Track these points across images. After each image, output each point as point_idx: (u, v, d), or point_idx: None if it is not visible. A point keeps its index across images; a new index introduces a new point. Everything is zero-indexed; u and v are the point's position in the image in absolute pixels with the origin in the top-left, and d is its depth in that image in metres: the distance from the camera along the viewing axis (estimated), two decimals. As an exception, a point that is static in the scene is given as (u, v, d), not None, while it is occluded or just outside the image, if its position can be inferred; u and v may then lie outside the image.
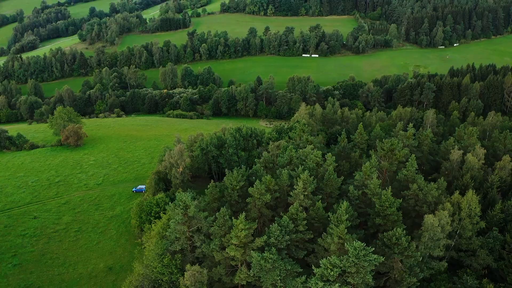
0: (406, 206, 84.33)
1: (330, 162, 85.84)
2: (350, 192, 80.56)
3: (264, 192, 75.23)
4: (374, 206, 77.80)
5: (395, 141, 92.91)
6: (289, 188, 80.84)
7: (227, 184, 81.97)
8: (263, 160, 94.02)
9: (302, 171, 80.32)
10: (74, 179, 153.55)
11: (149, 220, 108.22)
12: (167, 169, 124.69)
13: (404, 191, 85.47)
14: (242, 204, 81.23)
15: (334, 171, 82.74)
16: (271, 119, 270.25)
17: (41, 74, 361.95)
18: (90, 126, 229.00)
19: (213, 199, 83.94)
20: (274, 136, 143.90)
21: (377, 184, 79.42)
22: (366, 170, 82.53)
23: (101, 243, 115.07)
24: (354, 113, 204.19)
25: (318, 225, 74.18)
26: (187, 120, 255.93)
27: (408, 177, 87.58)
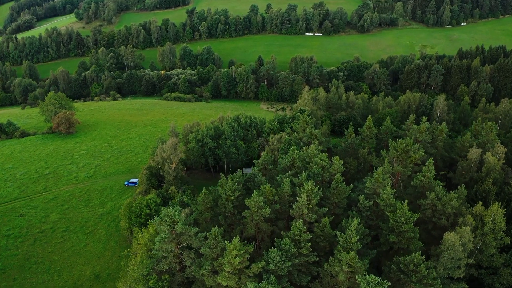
0: (422, 217, 74.23)
1: (337, 166, 75.35)
2: (360, 203, 70.47)
3: (262, 204, 65.08)
4: (387, 220, 67.77)
5: (409, 141, 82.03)
6: (291, 197, 70.73)
7: (220, 194, 71.83)
8: (262, 162, 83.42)
9: (305, 179, 69.98)
10: (64, 171, 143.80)
11: (139, 222, 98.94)
12: (160, 164, 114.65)
13: (420, 200, 75.21)
14: (238, 216, 71.41)
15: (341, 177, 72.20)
16: (272, 102, 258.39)
17: (37, 55, 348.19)
18: (84, 111, 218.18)
19: (206, 209, 73.97)
20: (275, 127, 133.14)
21: (390, 194, 69.17)
22: (378, 177, 72.15)
23: (89, 246, 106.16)
24: (360, 98, 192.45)
25: (324, 244, 64.45)
26: (185, 104, 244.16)
27: (424, 183, 77.17)
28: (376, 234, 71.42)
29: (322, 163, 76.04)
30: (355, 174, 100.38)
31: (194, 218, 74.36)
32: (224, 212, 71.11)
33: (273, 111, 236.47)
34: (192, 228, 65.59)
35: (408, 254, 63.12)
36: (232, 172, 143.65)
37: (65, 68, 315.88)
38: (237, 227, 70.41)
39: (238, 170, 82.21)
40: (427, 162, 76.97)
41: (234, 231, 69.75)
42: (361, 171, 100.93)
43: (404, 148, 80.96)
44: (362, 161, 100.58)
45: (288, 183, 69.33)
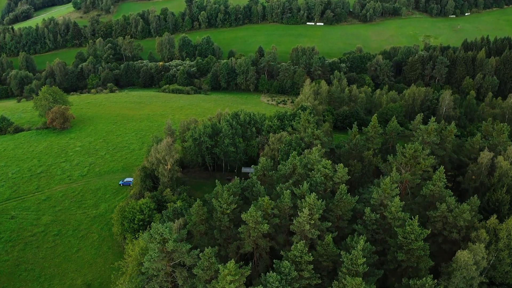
0: (432, 229, 68.78)
1: (341, 175, 69.66)
2: (366, 216, 64.95)
3: (260, 219, 59.63)
4: (395, 235, 62.30)
5: (418, 146, 76.15)
6: (292, 210, 65.26)
7: (215, 206, 66.38)
8: (261, 168, 77.73)
9: (307, 190, 64.37)
10: (57, 170, 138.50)
11: (132, 228, 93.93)
12: (154, 166, 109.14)
13: (429, 212, 69.68)
14: (234, 230, 66.01)
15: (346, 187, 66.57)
16: (273, 94, 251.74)
17: (34, 46, 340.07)
18: (80, 104, 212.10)
19: (200, 220, 68.59)
20: (275, 124, 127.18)
21: (399, 207, 63.60)
22: (385, 188, 66.49)
23: (81, 251, 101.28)
24: (363, 91, 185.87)
25: (327, 263, 59.17)
26: (183, 96, 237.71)
27: (434, 193, 71.56)
28: (383, 249, 66.16)
29: (325, 171, 70.41)
30: (360, 177, 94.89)
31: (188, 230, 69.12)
32: (219, 226, 65.83)
33: (274, 104, 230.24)
34: (185, 244, 60.30)
35: (417, 272, 57.84)
36: (231, 171, 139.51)
37: (63, 59, 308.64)
38: (233, 242, 65.22)
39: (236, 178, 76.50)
40: (437, 171, 71.25)
41: (230, 247, 64.63)
42: (365, 174, 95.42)
43: (412, 154, 75.17)
44: (367, 164, 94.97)
45: (289, 195, 63.83)
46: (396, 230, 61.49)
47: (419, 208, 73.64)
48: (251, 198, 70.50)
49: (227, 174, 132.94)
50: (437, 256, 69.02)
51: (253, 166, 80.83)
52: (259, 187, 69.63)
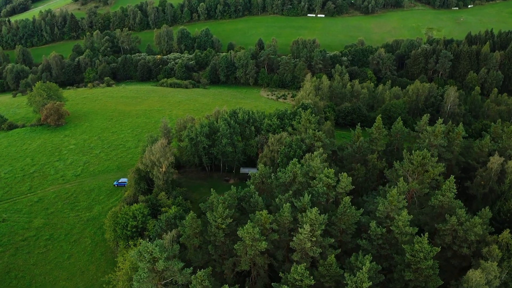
0: (441, 243, 64.24)
1: (345, 184, 64.92)
2: (371, 230, 60.35)
3: (258, 236, 55.06)
4: (402, 251, 57.75)
5: (427, 153, 71.24)
6: (292, 224, 60.65)
7: (209, 220, 61.80)
8: (259, 175, 72.96)
9: (308, 203, 59.70)
10: (50, 169, 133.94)
11: (125, 234, 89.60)
12: (148, 168, 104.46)
13: (439, 224, 65.06)
14: (230, 245, 61.48)
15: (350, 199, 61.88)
16: (273, 88, 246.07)
17: (31, 39, 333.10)
18: (75, 99, 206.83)
19: (194, 233, 64.08)
20: (275, 123, 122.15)
21: (406, 221, 58.97)
22: (392, 200, 61.80)
23: (73, 257, 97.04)
24: (366, 87, 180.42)
25: (329, 284, 54.74)
26: (181, 90, 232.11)
27: (443, 204, 66.89)
28: (389, 266, 61.70)
29: (328, 181, 65.65)
30: (363, 182, 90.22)
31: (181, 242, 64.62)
32: (214, 241, 61.34)
33: (274, 98, 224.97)
34: (177, 263, 55.85)
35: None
36: (229, 171, 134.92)
37: (60, 52, 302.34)
38: (229, 258, 60.82)
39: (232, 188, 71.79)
40: (447, 180, 66.49)
41: (226, 263, 60.27)
42: (369, 179, 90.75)
43: (421, 161, 70.32)
44: (371, 168, 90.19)
45: (289, 208, 59.23)
46: (403, 247, 56.94)
47: (426, 219, 69.06)
48: (248, 210, 65.99)
49: (225, 174, 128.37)
50: (446, 271, 64.70)
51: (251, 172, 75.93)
52: (257, 198, 65.00)
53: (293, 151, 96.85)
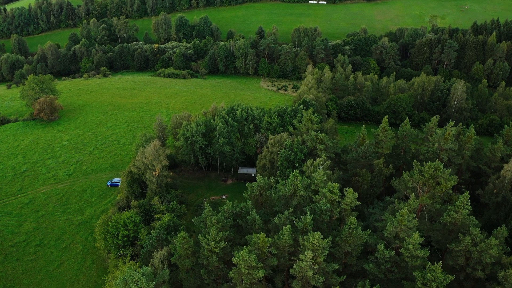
0: (453, 264, 58.65)
1: (350, 200, 59.00)
2: (379, 253, 54.67)
3: (255, 264, 49.44)
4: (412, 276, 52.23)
5: (439, 165, 65.06)
6: (292, 247, 54.96)
7: (202, 243, 56.12)
8: (257, 187, 67.01)
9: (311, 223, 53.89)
10: (42, 168, 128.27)
11: (116, 244, 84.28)
12: (141, 171, 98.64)
13: (451, 244, 59.36)
14: (225, 269, 55.92)
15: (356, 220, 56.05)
16: (273, 79, 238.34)
17: (26, 28, 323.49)
18: (70, 91, 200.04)
19: (186, 254, 58.50)
20: (275, 121, 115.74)
21: (418, 244, 53.25)
22: (402, 219, 55.95)
23: (63, 266, 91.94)
24: (369, 79, 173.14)
25: (333, 317, 49.53)
26: (179, 81, 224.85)
27: (456, 221, 61.08)
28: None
29: (332, 196, 59.74)
30: (368, 189, 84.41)
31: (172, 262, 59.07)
32: (207, 265, 55.84)
33: (274, 90, 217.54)
34: (165, 291, 50.34)
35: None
36: (227, 171, 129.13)
37: (57, 41, 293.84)
38: (223, 283, 55.42)
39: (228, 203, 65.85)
40: (461, 196, 60.53)
41: (220, 289, 54.92)
42: (375, 185, 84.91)
43: (432, 173, 64.24)
44: (377, 174, 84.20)
45: (289, 231, 53.48)
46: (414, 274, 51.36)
47: (437, 236, 63.35)
48: (245, 228, 60.37)
49: (223, 174, 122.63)
50: (459, 294, 59.35)
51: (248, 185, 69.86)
52: (254, 215, 59.22)
53: (294, 154, 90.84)
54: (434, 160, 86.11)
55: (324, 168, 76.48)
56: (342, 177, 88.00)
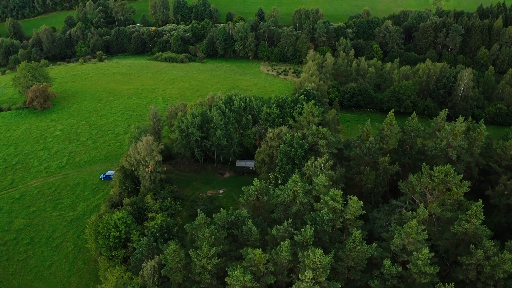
0: (463, 278, 54.00)
1: (354, 209, 53.92)
2: (385, 269, 49.92)
3: (250, 284, 44.73)
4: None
5: (450, 169, 59.62)
6: (291, 263, 50.19)
7: (193, 258, 51.33)
8: (254, 191, 61.85)
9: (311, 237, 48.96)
10: (34, 160, 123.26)
11: (108, 245, 79.90)
12: (133, 167, 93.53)
13: (462, 257, 54.55)
14: (219, 286, 51.26)
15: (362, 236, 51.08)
16: (273, 62, 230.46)
17: (22, 10, 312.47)
18: (65, 77, 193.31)
19: (177, 268, 53.85)
20: (274, 113, 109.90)
21: (427, 260, 48.41)
22: (410, 232, 50.98)
23: (54, 266, 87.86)
24: (372, 65, 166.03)
25: None
26: (176, 65, 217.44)
27: (468, 230, 56.14)
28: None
29: (334, 205, 54.64)
30: (373, 188, 79.37)
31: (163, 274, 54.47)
32: (199, 281, 51.26)
33: (274, 74, 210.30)
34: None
35: None
36: (224, 163, 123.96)
37: (53, 24, 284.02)
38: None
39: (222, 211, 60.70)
40: (474, 205, 55.42)
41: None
42: (379, 184, 79.82)
43: (443, 178, 58.92)
44: (381, 172, 78.98)
45: (287, 246, 48.61)
46: None
47: (446, 245, 58.54)
48: (240, 238, 55.58)
49: (220, 167, 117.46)
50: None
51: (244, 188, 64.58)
52: (250, 226, 54.31)
53: (294, 150, 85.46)
54: (442, 157, 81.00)
55: (326, 168, 71.21)
56: (345, 175, 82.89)
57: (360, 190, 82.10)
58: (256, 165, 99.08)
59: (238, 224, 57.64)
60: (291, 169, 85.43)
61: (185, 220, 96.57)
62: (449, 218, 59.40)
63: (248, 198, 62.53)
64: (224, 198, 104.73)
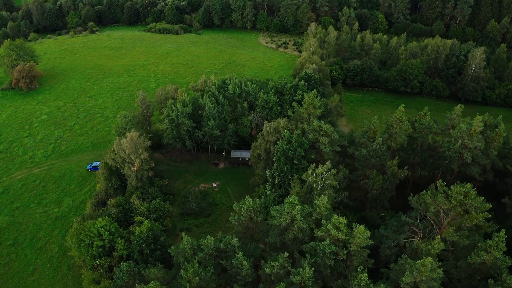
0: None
1: (361, 240, 45.88)
2: (395, 316, 42.50)
3: None
4: None
5: (471, 189, 50.95)
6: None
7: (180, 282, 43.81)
8: (246, 211, 53.52)
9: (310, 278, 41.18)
10: (19, 149, 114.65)
11: (92, 254, 72.87)
12: (118, 164, 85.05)
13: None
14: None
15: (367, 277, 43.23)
16: (273, 34, 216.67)
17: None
18: (54, 52, 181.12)
19: None
20: (272, 100, 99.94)
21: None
22: (424, 269, 43.08)
23: (37, 272, 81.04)
24: (377, 40, 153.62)
25: None
26: (171, 38, 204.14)
27: (487, 261, 48.36)
28: None
29: (338, 235, 46.51)
30: (379, 195, 71.24)
31: None
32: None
33: (274, 47, 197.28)
34: None
35: None
36: (219, 153, 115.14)
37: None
38: None
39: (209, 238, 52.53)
40: (496, 235, 47.24)
41: None
42: (387, 190, 71.62)
43: (461, 200, 50.43)
44: (389, 176, 70.56)
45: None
46: None
47: (461, 274, 50.97)
48: (230, 271, 47.96)
49: (214, 157, 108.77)
50: None
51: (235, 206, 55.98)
52: (241, 258, 46.48)
53: (293, 149, 76.64)
54: (456, 159, 72.35)
55: (328, 177, 62.75)
56: (349, 176, 74.51)
57: (365, 193, 74.05)
58: (252, 159, 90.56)
59: (228, 253, 49.93)
60: (290, 169, 77.03)
61: (175, 219, 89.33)
62: (465, 245, 51.55)
63: (239, 218, 54.44)
64: (218, 193, 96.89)
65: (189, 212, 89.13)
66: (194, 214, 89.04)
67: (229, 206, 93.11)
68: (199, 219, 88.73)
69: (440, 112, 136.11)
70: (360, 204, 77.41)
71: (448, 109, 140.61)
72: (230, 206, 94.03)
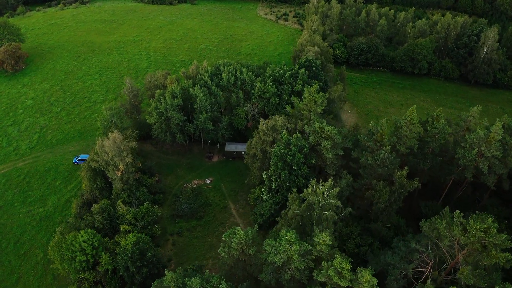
0: None
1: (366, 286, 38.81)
2: None
3: None
4: None
5: (491, 224, 43.26)
6: None
7: None
8: (237, 243, 46.21)
9: None
10: (3, 139, 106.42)
11: (75, 268, 66.65)
12: (102, 167, 77.22)
13: None
14: None
15: None
16: (272, 3, 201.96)
17: None
18: (42, 27, 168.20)
19: None
20: (269, 90, 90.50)
21: None
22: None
23: (21, 281, 75.30)
24: (383, 15, 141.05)
25: None
26: (165, 8, 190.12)
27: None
28: None
29: (340, 283, 39.41)
30: (385, 208, 63.96)
31: None
32: None
33: (273, 19, 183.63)
34: None
35: None
36: (212, 145, 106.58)
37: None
38: None
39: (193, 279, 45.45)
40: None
41: None
42: (394, 202, 64.24)
43: (481, 238, 42.93)
44: (397, 188, 62.93)
45: None
46: None
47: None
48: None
49: (207, 149, 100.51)
50: None
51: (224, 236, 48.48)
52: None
53: (291, 154, 68.59)
54: (470, 168, 64.41)
55: (331, 196, 55.15)
56: (352, 185, 67.04)
57: (371, 207, 66.74)
58: (247, 159, 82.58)
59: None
60: (288, 176, 69.41)
61: (166, 221, 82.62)
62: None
63: (230, 252, 47.36)
64: (211, 191, 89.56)
65: (180, 214, 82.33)
66: (186, 217, 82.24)
67: (223, 207, 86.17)
68: (190, 222, 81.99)
69: (448, 96, 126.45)
70: (364, 213, 70.24)
71: (457, 92, 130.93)
72: (224, 207, 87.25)
